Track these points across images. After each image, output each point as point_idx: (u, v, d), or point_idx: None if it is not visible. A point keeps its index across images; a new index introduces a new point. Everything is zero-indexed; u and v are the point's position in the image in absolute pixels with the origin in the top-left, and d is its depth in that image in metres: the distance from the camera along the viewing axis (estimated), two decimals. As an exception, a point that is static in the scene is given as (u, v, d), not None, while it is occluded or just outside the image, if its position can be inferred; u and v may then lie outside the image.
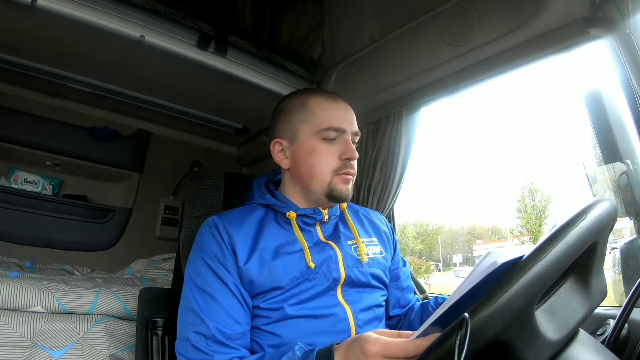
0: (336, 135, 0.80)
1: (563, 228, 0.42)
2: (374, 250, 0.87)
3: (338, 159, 0.80)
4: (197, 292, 0.73)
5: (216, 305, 0.71)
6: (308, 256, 0.77)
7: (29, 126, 1.74)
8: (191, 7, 1.23)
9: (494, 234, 18.59)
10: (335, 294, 0.77)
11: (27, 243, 1.75)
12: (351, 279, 0.79)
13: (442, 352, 0.38)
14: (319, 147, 0.80)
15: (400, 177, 1.38)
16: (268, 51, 1.42)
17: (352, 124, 0.83)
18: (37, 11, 1.06)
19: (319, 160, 0.80)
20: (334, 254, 0.80)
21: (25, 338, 1.10)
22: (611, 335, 0.65)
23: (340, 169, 0.80)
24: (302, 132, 0.81)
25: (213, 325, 0.69)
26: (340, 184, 0.80)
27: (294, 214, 0.81)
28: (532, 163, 54.97)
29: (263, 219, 0.83)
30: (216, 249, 0.76)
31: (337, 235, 0.84)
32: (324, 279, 0.77)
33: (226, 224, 0.78)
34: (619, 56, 0.83)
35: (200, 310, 0.71)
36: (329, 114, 0.81)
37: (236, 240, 0.76)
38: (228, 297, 0.72)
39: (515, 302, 0.38)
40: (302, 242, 0.79)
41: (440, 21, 1.14)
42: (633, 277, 0.88)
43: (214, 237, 0.77)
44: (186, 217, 1.00)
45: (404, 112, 1.35)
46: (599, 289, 0.50)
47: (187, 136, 2.17)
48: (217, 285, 0.73)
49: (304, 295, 0.75)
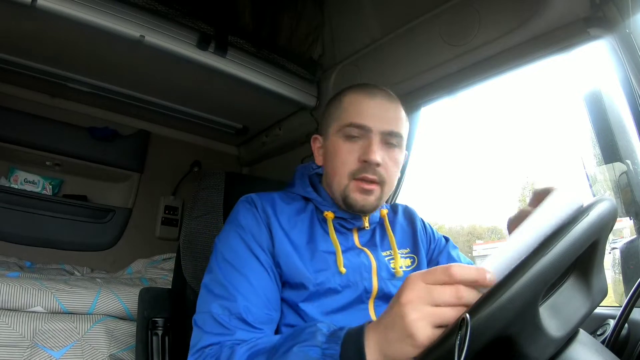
0: (359, 133, 0.72)
1: (567, 224, 0.43)
2: (407, 263, 0.79)
3: (357, 161, 0.71)
4: (226, 266, 0.66)
5: (246, 282, 0.64)
6: (340, 260, 0.70)
7: (29, 126, 1.75)
8: (191, 7, 1.23)
9: (494, 234, 18.58)
10: (367, 308, 0.70)
11: (27, 243, 1.75)
12: (384, 292, 0.71)
13: (442, 352, 0.38)
14: (339, 146, 0.73)
15: (401, 177, 1.38)
16: (268, 51, 1.42)
17: (383, 122, 0.72)
18: (37, 11, 1.05)
19: (338, 159, 0.73)
20: (368, 262, 0.73)
21: (25, 338, 1.10)
22: (611, 335, 0.65)
23: (357, 172, 0.71)
24: (331, 128, 0.76)
25: (242, 303, 0.61)
26: (356, 192, 0.71)
27: (332, 215, 0.75)
28: (532, 163, 54.98)
29: (301, 211, 0.77)
30: (252, 224, 0.70)
31: (373, 242, 0.78)
32: (355, 288, 0.70)
33: (265, 203, 0.73)
34: (619, 56, 0.83)
35: (229, 283, 0.64)
36: (356, 109, 0.73)
37: (273, 221, 0.71)
38: (261, 277, 0.66)
39: (523, 295, 0.38)
40: (336, 244, 0.72)
41: (440, 21, 1.13)
42: (633, 277, 0.88)
43: (251, 212, 0.72)
44: (186, 217, 1.00)
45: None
46: (600, 288, 0.50)
47: (187, 136, 2.17)
48: (250, 262, 0.66)
49: (332, 305, 0.68)
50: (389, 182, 0.73)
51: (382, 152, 0.71)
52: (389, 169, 0.72)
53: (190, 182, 2.13)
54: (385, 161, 0.72)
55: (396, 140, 0.73)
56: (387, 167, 0.72)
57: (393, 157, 0.73)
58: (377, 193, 0.72)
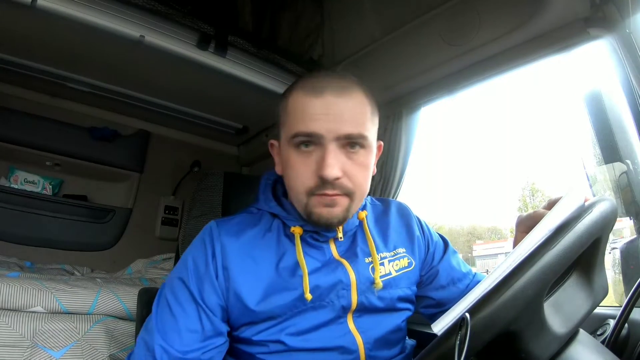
0: (311, 142, 0.61)
1: (571, 220, 0.44)
2: (399, 265, 0.72)
3: (314, 175, 0.60)
4: (164, 304, 0.63)
5: (174, 324, 0.61)
6: (306, 285, 0.62)
7: (29, 126, 1.75)
8: (191, 7, 1.23)
9: (494, 234, 18.57)
10: (345, 321, 0.65)
11: (27, 243, 1.75)
12: (364, 305, 0.66)
13: (442, 352, 0.38)
14: (293, 158, 0.62)
15: (400, 177, 1.38)
16: (268, 51, 1.42)
17: (337, 124, 0.60)
18: (37, 11, 1.05)
19: (293, 174, 0.62)
20: (346, 278, 0.65)
21: (25, 338, 1.10)
22: (611, 335, 0.65)
23: (316, 189, 0.60)
24: (282, 136, 0.66)
25: (159, 342, 0.59)
26: (320, 207, 0.61)
27: (300, 230, 0.66)
28: (532, 163, 54.99)
29: (267, 230, 0.68)
30: (201, 265, 0.64)
31: (353, 251, 0.69)
32: (331, 308, 0.64)
33: (223, 236, 0.65)
34: (619, 56, 0.83)
35: (159, 321, 0.62)
36: (301, 114, 0.61)
37: (230, 257, 0.63)
38: (193, 319, 0.61)
39: (528, 289, 0.38)
40: (303, 266, 0.64)
41: (440, 21, 1.13)
42: (633, 277, 0.88)
43: (202, 252, 0.65)
44: (186, 217, 1.00)
45: (404, 112, 1.35)
46: (601, 286, 0.51)
47: (187, 136, 2.17)
48: (185, 305, 0.62)
49: (306, 324, 0.63)
50: (358, 190, 0.63)
51: (342, 161, 0.60)
52: (354, 177, 0.61)
53: (190, 182, 2.13)
54: (347, 170, 0.61)
55: (359, 142, 0.62)
56: (351, 177, 0.61)
57: (358, 161, 0.62)
58: (343, 204, 0.62)
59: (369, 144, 0.64)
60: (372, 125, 0.65)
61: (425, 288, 0.77)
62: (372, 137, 0.65)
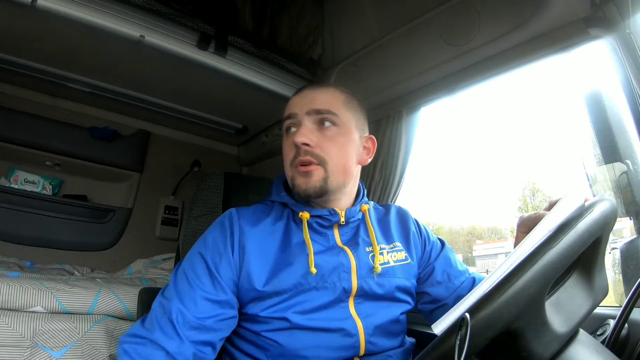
0: (292, 123, 0.74)
1: (572, 219, 0.44)
2: (397, 257, 0.78)
3: (293, 146, 0.72)
4: (182, 276, 0.69)
5: (191, 292, 0.66)
6: (311, 260, 0.69)
7: (29, 126, 1.75)
8: (191, 7, 1.23)
9: (494, 234, 18.57)
10: (347, 306, 0.70)
11: (27, 243, 1.75)
12: (364, 291, 0.71)
13: (442, 352, 0.38)
14: (283, 141, 0.76)
15: (400, 177, 1.38)
16: (268, 51, 1.42)
17: (310, 104, 0.73)
18: (37, 11, 1.06)
19: (283, 152, 0.76)
20: (347, 262, 0.72)
21: (25, 338, 1.10)
22: (611, 335, 0.65)
23: (294, 159, 0.72)
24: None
25: (176, 305, 0.64)
26: (298, 177, 0.71)
27: (307, 215, 0.74)
28: (533, 163, 55.00)
29: (278, 219, 0.77)
30: (220, 242, 0.71)
31: (355, 240, 0.76)
32: (332, 290, 0.69)
33: (242, 219, 0.74)
34: (619, 56, 0.83)
35: (175, 289, 0.67)
36: (288, 106, 0.77)
37: (247, 237, 0.71)
38: (208, 291, 0.67)
39: (530, 287, 0.38)
40: (309, 245, 0.71)
41: (440, 21, 1.13)
42: (633, 277, 0.88)
43: (222, 231, 0.72)
44: (186, 217, 1.00)
45: (404, 112, 1.35)
46: (602, 285, 0.51)
47: (187, 136, 2.17)
48: (202, 277, 0.68)
49: (310, 304, 0.68)
50: (331, 161, 0.71)
51: (315, 134, 0.72)
52: (325, 147, 0.71)
53: (190, 182, 2.13)
54: (318, 141, 0.71)
55: (329, 118, 0.72)
56: (322, 146, 0.71)
57: (329, 136, 0.72)
58: (319, 173, 0.71)
59: (342, 123, 0.74)
60: (345, 110, 0.75)
61: (422, 285, 0.82)
62: (346, 120, 0.75)
